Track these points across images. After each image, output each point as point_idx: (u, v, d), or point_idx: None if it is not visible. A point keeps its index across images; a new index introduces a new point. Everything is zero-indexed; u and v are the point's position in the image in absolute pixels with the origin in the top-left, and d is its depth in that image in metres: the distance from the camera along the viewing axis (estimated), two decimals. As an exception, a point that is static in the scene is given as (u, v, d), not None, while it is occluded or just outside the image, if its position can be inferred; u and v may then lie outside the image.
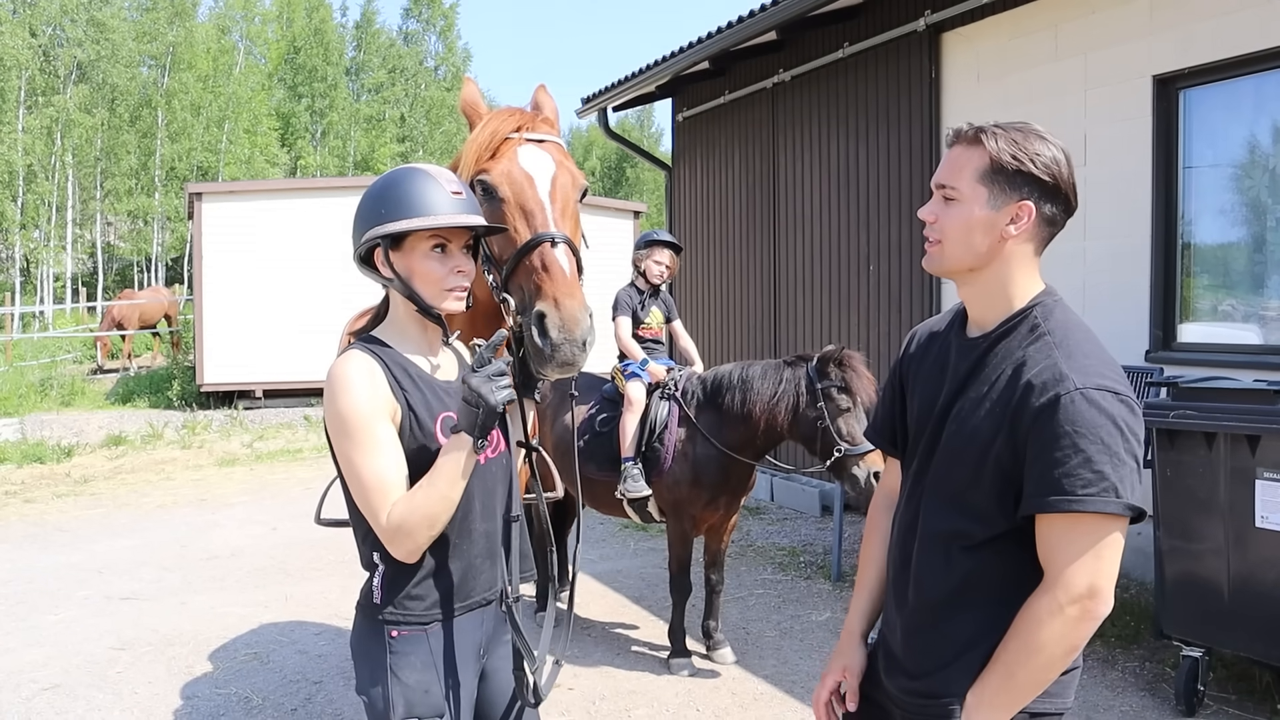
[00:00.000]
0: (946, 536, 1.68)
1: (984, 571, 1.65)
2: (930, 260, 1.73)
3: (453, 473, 1.79)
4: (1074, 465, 1.49)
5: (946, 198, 1.68)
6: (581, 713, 4.18)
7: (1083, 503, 1.49)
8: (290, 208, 15.46)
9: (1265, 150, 5.19)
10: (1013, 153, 1.61)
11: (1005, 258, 1.65)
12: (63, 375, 17.43)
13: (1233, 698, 4.05)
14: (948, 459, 1.67)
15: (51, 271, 34.01)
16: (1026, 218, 1.62)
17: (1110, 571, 1.53)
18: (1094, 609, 1.53)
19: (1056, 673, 1.58)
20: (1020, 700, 1.59)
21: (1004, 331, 1.66)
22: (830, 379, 4.25)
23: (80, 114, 32.66)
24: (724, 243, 9.55)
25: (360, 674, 1.94)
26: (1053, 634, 1.53)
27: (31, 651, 5.04)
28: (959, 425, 1.66)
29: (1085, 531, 1.51)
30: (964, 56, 6.72)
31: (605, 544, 7.14)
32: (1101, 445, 1.49)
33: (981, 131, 1.64)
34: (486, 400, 1.76)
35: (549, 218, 2.06)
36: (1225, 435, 3.77)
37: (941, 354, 1.78)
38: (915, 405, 1.82)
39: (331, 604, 5.75)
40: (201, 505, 8.91)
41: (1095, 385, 1.52)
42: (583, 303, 1.99)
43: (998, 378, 1.62)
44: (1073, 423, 1.50)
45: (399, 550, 1.80)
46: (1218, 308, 5.48)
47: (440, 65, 49.61)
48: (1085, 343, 1.60)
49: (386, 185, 1.91)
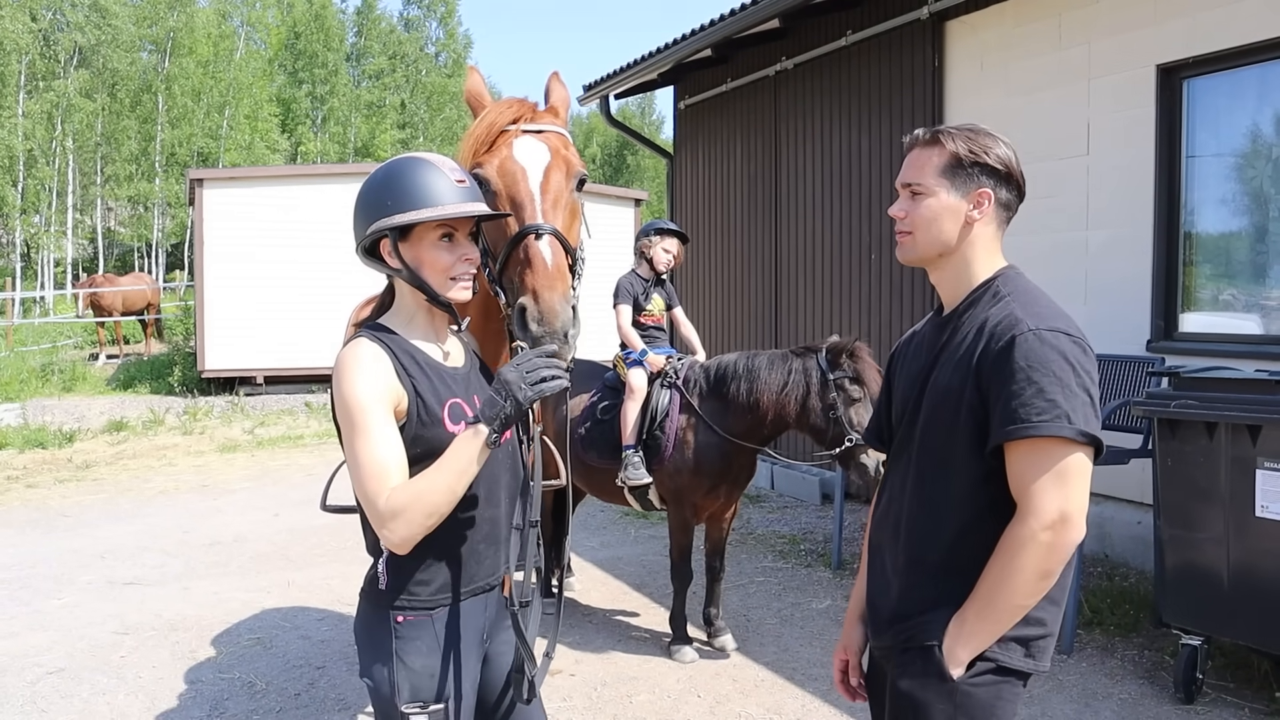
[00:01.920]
0: (937, 495, 1.79)
1: (976, 525, 1.75)
2: (903, 250, 1.90)
3: (462, 464, 1.76)
4: (1028, 396, 1.64)
5: (914, 193, 1.86)
6: (583, 699, 4.20)
7: (1036, 428, 1.63)
8: (291, 194, 15.44)
9: (1268, 140, 5.18)
10: (969, 147, 1.81)
11: (971, 241, 1.84)
12: (63, 360, 17.43)
13: (1231, 686, 4.07)
14: (930, 421, 1.81)
15: (52, 257, 33.98)
16: (987, 203, 1.82)
17: (1078, 498, 1.64)
18: (1066, 534, 1.64)
19: (1033, 599, 1.69)
20: (998, 627, 1.70)
21: (971, 301, 1.84)
22: (843, 369, 4.30)
23: (81, 99, 32.57)
24: (726, 231, 9.54)
25: (365, 658, 1.95)
26: (1028, 560, 1.64)
27: (36, 636, 5.07)
28: (934, 387, 1.82)
29: (1045, 455, 1.64)
30: (967, 45, 6.70)
31: (605, 531, 7.17)
32: (1053, 377, 1.64)
33: (939, 133, 1.84)
34: (515, 395, 1.75)
35: (537, 210, 2.05)
36: (1226, 425, 3.78)
37: (921, 342, 1.95)
38: (899, 392, 1.97)
39: (334, 590, 5.77)
40: (203, 491, 8.93)
41: (1048, 327, 1.68)
42: (564, 294, 1.96)
43: (964, 338, 1.78)
44: (1025, 358, 1.66)
45: (393, 537, 1.75)
46: (1219, 297, 5.48)
47: (441, 51, 49.42)
48: (1040, 299, 1.77)
49: (390, 175, 1.90)
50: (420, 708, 1.87)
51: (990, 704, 1.74)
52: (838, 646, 2.10)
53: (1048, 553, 1.63)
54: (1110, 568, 5.62)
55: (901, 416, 1.92)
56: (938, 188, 1.82)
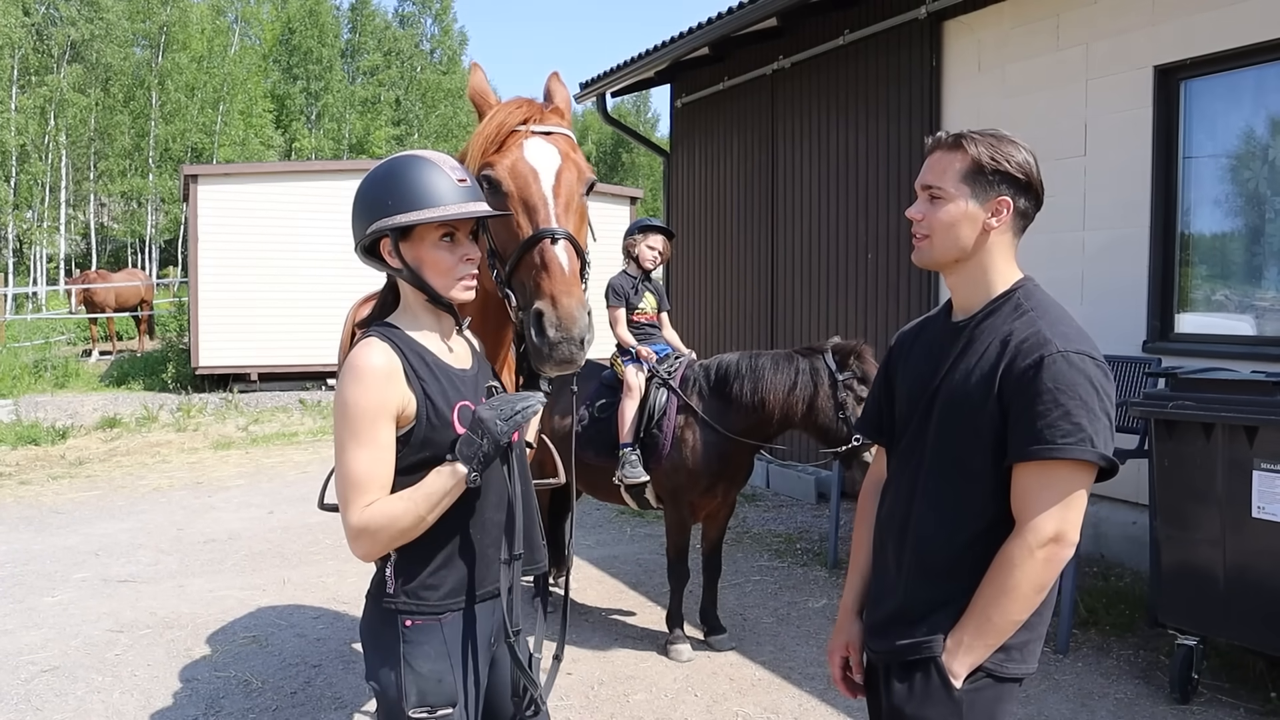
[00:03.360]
0: (949, 503, 1.81)
1: (986, 534, 1.77)
2: (920, 254, 1.91)
3: (436, 498, 1.81)
4: (1055, 418, 1.66)
5: (933, 197, 1.86)
6: (580, 697, 4.20)
7: (1061, 450, 1.66)
8: (286, 191, 15.38)
9: (1265, 142, 5.19)
10: (991, 154, 1.80)
11: (988, 248, 1.84)
12: (56, 357, 17.36)
13: (1226, 686, 4.08)
14: (945, 429, 1.82)
15: (45, 252, 33.86)
16: (1006, 211, 1.82)
17: (1076, 519, 1.70)
18: (1060, 552, 1.69)
19: (1028, 612, 1.73)
20: (996, 639, 1.74)
21: (990, 311, 1.83)
22: (851, 370, 4.35)
23: (74, 94, 32.47)
24: (722, 229, 9.54)
25: (371, 662, 1.94)
26: (1024, 576, 1.69)
27: (30, 634, 5.05)
28: (952, 396, 1.81)
29: (1060, 479, 1.68)
30: (965, 45, 6.71)
31: (601, 529, 7.16)
32: (1080, 401, 1.67)
33: (962, 137, 1.83)
34: (491, 432, 1.79)
35: (551, 213, 2.03)
36: (1223, 426, 3.79)
37: (930, 342, 1.95)
38: (905, 390, 1.97)
39: (329, 588, 5.76)
40: (197, 488, 8.91)
41: (1076, 350, 1.70)
42: (580, 300, 1.97)
43: (986, 349, 1.78)
44: (1055, 380, 1.67)
45: (357, 550, 1.81)
46: (1216, 298, 5.50)
47: (436, 48, 49.37)
48: (1065, 318, 1.79)
49: (390, 174, 1.88)
50: (428, 712, 1.87)
51: (990, 710, 1.78)
52: (835, 642, 2.11)
53: (1044, 569, 1.68)
54: (1106, 568, 5.63)
55: (910, 418, 1.92)
56: (958, 194, 1.82)
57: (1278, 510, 3.64)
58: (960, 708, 1.75)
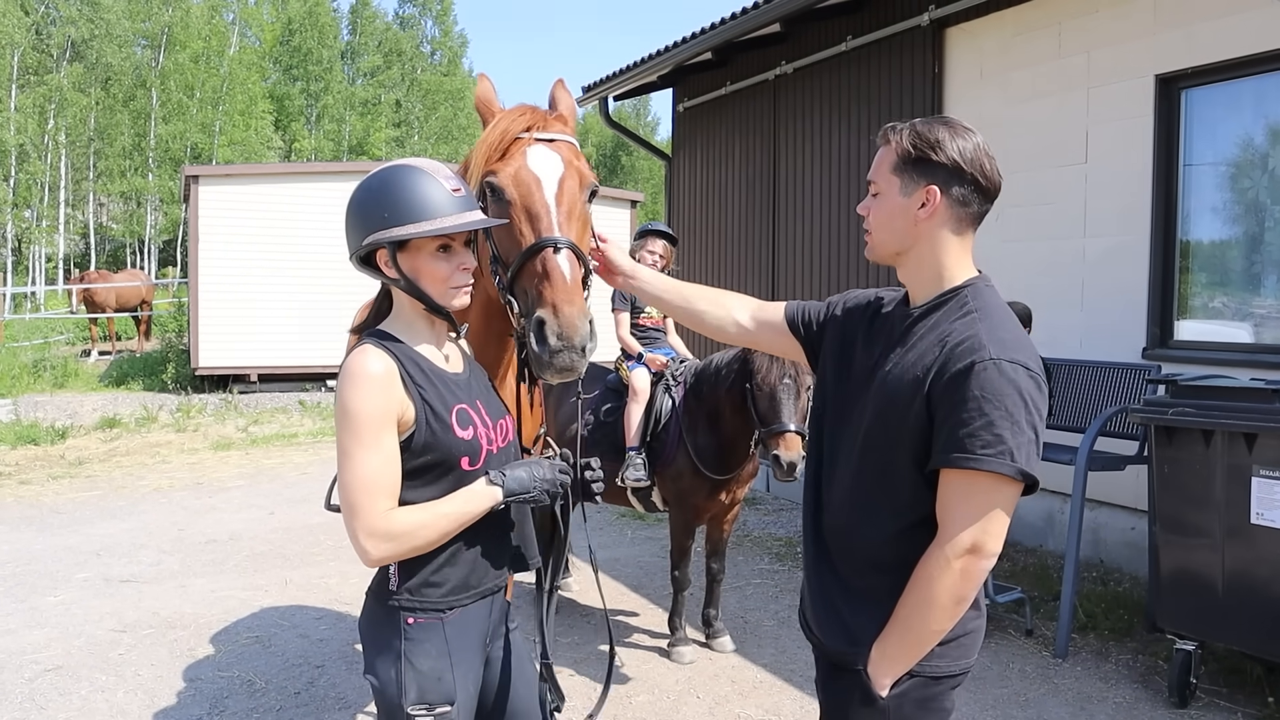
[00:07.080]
0: (875, 497, 1.79)
1: (909, 532, 1.75)
2: (868, 249, 1.91)
3: (464, 517, 1.88)
4: (977, 427, 1.62)
5: (873, 193, 1.86)
6: (583, 699, 4.21)
7: (980, 461, 1.62)
8: (287, 192, 15.39)
9: (1264, 150, 5.23)
10: (913, 143, 1.76)
11: (926, 239, 1.79)
12: (55, 357, 17.35)
13: (1224, 691, 4.11)
14: (876, 418, 1.78)
15: (44, 252, 33.83)
16: (933, 201, 1.76)
17: (996, 530, 1.65)
18: (977, 564, 1.66)
19: (949, 623, 1.71)
20: (918, 651, 1.73)
21: (935, 305, 1.79)
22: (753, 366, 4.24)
23: (73, 93, 32.45)
24: (723, 234, 9.57)
25: (370, 657, 1.95)
26: (942, 588, 1.67)
27: (33, 633, 5.06)
28: (884, 386, 1.78)
29: (980, 490, 1.64)
30: (967, 52, 6.74)
31: (603, 532, 7.18)
32: (1005, 412, 1.62)
33: (890, 130, 1.82)
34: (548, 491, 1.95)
35: (553, 221, 2.05)
36: (1222, 433, 3.82)
37: (884, 323, 1.91)
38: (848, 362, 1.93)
39: (331, 589, 5.78)
40: (198, 489, 8.92)
41: (1009, 359, 1.64)
42: (582, 309, 1.98)
43: (923, 345, 1.75)
44: (982, 388, 1.63)
45: (375, 553, 1.80)
46: (1215, 306, 5.53)
47: (436, 50, 49.40)
48: (1007, 322, 1.73)
49: (385, 185, 1.88)
50: (426, 709, 1.89)
51: (922, 711, 1.77)
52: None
53: (961, 580, 1.66)
54: (1105, 573, 5.66)
55: (843, 389, 1.91)
56: (888, 186, 1.81)
57: (1276, 517, 3.67)
58: (886, 713, 1.75)
